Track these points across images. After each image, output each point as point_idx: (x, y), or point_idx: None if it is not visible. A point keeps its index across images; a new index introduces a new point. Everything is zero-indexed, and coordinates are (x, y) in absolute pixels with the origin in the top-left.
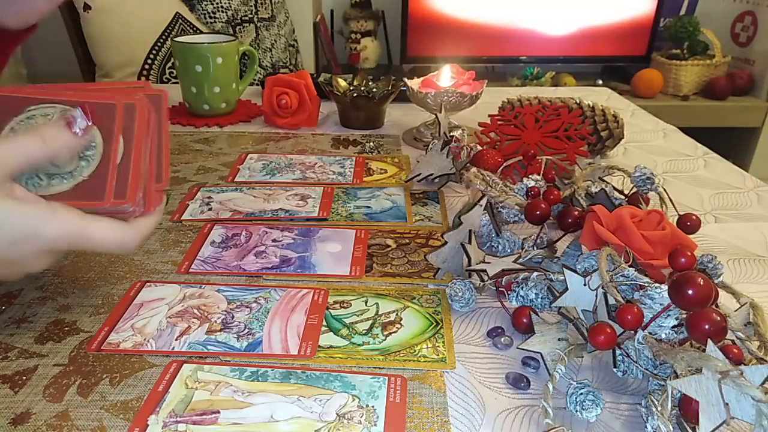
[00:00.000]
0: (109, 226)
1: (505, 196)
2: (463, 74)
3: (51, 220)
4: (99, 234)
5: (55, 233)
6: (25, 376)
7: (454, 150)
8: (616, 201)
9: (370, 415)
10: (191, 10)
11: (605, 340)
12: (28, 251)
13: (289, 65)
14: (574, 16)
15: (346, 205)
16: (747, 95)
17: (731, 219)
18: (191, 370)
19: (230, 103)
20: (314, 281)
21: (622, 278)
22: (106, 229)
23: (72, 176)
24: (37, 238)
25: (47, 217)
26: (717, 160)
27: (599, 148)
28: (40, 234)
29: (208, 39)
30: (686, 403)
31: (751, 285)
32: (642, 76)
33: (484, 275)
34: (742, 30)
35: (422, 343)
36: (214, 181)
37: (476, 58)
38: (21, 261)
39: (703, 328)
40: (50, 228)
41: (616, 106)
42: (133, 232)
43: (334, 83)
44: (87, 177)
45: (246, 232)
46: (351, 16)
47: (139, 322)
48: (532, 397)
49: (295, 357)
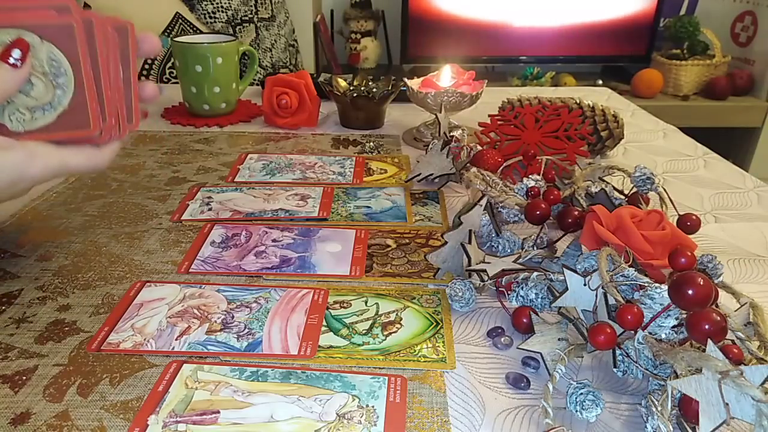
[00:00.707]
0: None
1: (505, 196)
2: (463, 74)
3: (32, 162)
4: (75, 162)
5: (39, 172)
6: (25, 376)
7: (454, 150)
8: (616, 201)
9: (370, 415)
10: (191, 10)
11: (605, 340)
12: (19, 189)
13: (289, 65)
14: (574, 16)
15: (346, 205)
16: (747, 95)
17: (731, 219)
18: (191, 370)
19: (230, 103)
20: (314, 281)
21: (622, 278)
22: (80, 157)
23: (52, 107)
24: (24, 180)
25: (29, 160)
26: (717, 160)
27: (599, 148)
28: (25, 176)
29: (208, 39)
30: (686, 403)
31: (751, 285)
32: (642, 76)
33: (484, 275)
34: (742, 30)
35: (422, 343)
36: (214, 181)
37: (476, 58)
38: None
39: (703, 328)
40: (34, 169)
41: (616, 106)
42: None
43: (334, 83)
44: (67, 106)
45: (246, 232)
46: (351, 16)
47: (139, 322)
48: (532, 397)
49: (295, 357)
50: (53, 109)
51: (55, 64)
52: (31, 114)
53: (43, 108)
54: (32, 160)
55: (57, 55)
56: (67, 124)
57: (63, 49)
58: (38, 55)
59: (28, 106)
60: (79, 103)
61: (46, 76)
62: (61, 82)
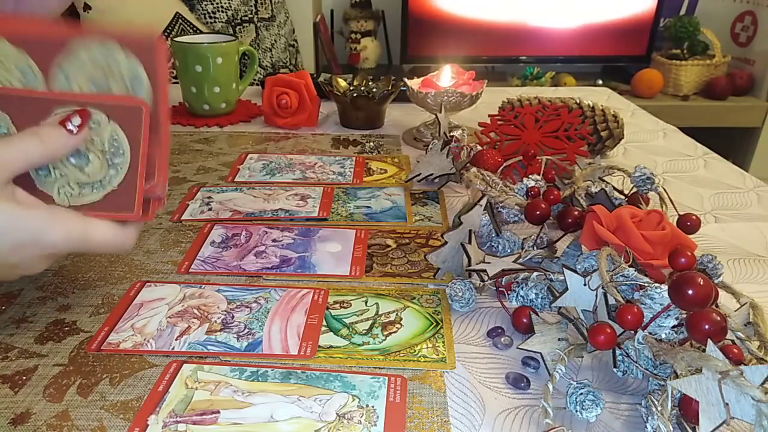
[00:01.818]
0: (109, 229)
1: (505, 196)
2: (463, 74)
3: (53, 225)
4: (99, 237)
5: (57, 238)
6: (25, 376)
7: (454, 150)
8: (616, 201)
9: (370, 415)
10: (191, 10)
11: (605, 340)
12: (29, 255)
13: (289, 65)
14: (575, 15)
15: (346, 205)
16: (747, 95)
17: (731, 219)
18: (191, 370)
19: (230, 103)
20: (314, 281)
21: (622, 278)
22: (106, 231)
23: (102, 186)
24: (39, 243)
25: (49, 223)
26: (717, 160)
27: (599, 148)
28: (42, 239)
29: (208, 39)
30: (686, 403)
31: (751, 285)
32: (642, 76)
33: (484, 275)
34: (742, 30)
35: (422, 343)
36: (214, 181)
37: (476, 58)
38: (22, 264)
39: (703, 328)
40: (52, 233)
41: (616, 106)
42: (129, 232)
43: (334, 83)
44: (116, 187)
45: (246, 232)
46: (351, 16)
47: (139, 322)
48: (532, 397)
49: (295, 357)
50: (102, 188)
51: (116, 144)
52: (79, 189)
53: (93, 185)
54: (52, 223)
55: (120, 135)
56: (113, 204)
57: (126, 131)
58: (102, 133)
59: (79, 181)
60: (128, 186)
61: (104, 155)
62: (117, 163)
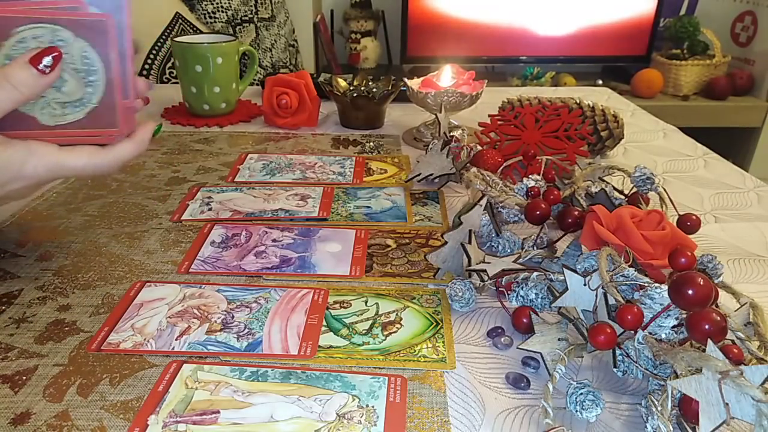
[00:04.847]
0: (85, 153)
1: (505, 196)
2: (463, 74)
3: (30, 160)
4: (73, 162)
5: (36, 170)
6: (25, 376)
7: (454, 150)
8: (616, 201)
9: (370, 415)
10: (191, 10)
11: (605, 340)
12: (16, 188)
13: (289, 65)
14: (574, 16)
15: (346, 205)
16: (747, 95)
17: (731, 219)
18: (191, 370)
19: (230, 103)
20: (314, 281)
21: (622, 278)
22: (80, 156)
23: (83, 104)
24: (21, 177)
25: (26, 158)
26: (717, 160)
27: (599, 148)
28: (22, 173)
29: (208, 39)
30: (686, 403)
31: (751, 285)
32: (642, 76)
33: (484, 275)
34: (742, 30)
35: (422, 343)
36: (214, 181)
37: (476, 58)
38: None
39: (703, 328)
40: (30, 166)
41: (616, 106)
42: (110, 155)
43: (334, 83)
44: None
45: (246, 232)
46: (351, 16)
47: (139, 322)
48: (532, 397)
49: (295, 357)
50: (83, 106)
51: (87, 61)
52: (62, 109)
53: (74, 104)
54: (29, 158)
55: (90, 52)
56: (96, 121)
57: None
58: (71, 51)
59: (59, 101)
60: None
61: (78, 73)
62: (92, 80)
